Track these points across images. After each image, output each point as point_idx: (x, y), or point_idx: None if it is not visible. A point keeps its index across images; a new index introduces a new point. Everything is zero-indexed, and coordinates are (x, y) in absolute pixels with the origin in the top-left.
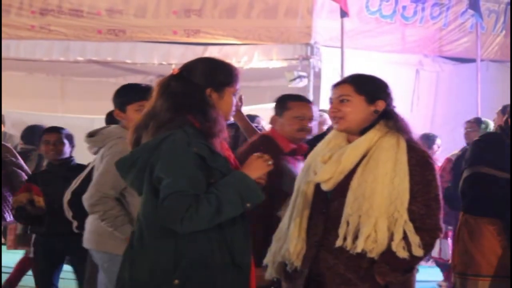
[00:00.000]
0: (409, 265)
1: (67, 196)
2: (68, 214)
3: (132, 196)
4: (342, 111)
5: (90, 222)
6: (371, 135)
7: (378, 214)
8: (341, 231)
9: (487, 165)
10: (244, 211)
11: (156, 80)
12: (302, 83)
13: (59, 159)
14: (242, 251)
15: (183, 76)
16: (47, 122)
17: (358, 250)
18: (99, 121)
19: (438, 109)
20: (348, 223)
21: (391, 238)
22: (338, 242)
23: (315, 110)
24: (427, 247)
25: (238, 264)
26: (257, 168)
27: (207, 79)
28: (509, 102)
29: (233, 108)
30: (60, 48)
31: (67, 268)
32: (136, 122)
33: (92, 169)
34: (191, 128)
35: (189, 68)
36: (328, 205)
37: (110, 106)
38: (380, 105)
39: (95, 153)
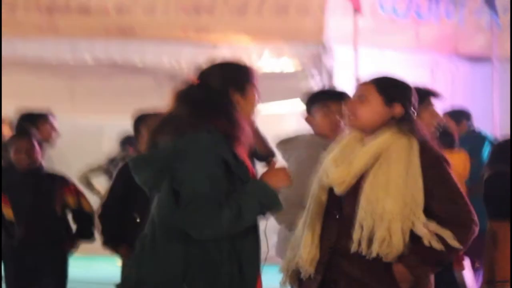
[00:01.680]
0: (443, 257)
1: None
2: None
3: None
4: (358, 109)
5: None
6: (383, 138)
7: (391, 217)
8: (356, 236)
9: (507, 164)
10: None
11: (173, 90)
12: (314, 82)
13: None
14: (251, 262)
15: (202, 84)
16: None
17: (374, 254)
18: (108, 122)
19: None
20: (362, 227)
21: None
22: (353, 247)
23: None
24: (466, 241)
25: (243, 274)
26: (280, 180)
27: (227, 82)
28: None
29: (256, 106)
30: (68, 47)
31: None
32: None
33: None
34: (214, 132)
35: (206, 75)
36: (341, 209)
37: (120, 106)
38: (397, 109)
39: (287, 160)
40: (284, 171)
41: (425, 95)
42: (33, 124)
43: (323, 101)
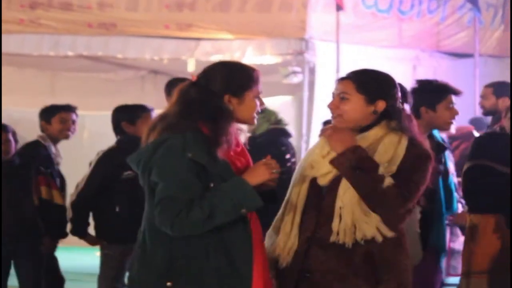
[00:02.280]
0: (371, 168)
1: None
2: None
3: None
4: (340, 108)
5: None
6: (374, 133)
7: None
8: (334, 226)
9: (489, 158)
10: (244, 216)
11: (178, 86)
12: (297, 78)
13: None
14: (242, 254)
15: (201, 83)
16: (37, 118)
17: (350, 242)
18: (90, 117)
19: None
20: (340, 217)
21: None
22: (332, 238)
23: None
24: (398, 198)
25: (237, 269)
26: (258, 175)
27: (225, 85)
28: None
29: (257, 111)
30: (50, 42)
31: None
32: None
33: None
34: (194, 133)
35: (207, 75)
36: (321, 200)
37: (101, 102)
38: (380, 105)
39: None
40: (263, 166)
41: (445, 92)
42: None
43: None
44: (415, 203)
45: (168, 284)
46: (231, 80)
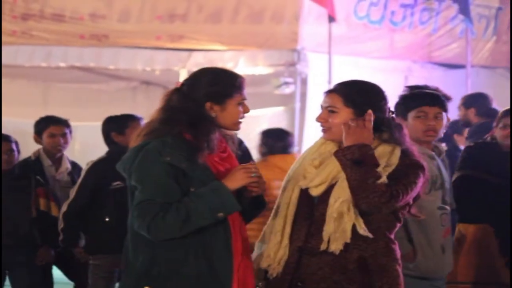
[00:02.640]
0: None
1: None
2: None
3: None
4: (329, 122)
5: None
6: None
7: (353, 215)
8: (325, 234)
9: (478, 168)
10: (223, 220)
11: (163, 92)
12: (289, 89)
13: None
14: (222, 260)
15: (183, 90)
16: (30, 129)
17: (338, 251)
18: (82, 128)
19: None
20: (331, 225)
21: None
22: (322, 246)
23: None
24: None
25: (216, 274)
26: (237, 179)
27: (207, 93)
28: (499, 108)
29: (241, 117)
30: (42, 53)
31: None
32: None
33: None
34: (174, 138)
35: (190, 82)
36: (313, 210)
37: (93, 112)
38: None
39: None
40: (242, 170)
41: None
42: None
43: (419, 106)
44: (406, 213)
45: None
46: (213, 88)
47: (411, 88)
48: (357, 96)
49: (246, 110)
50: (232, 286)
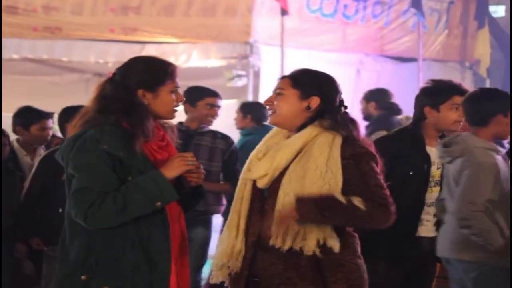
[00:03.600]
0: (337, 209)
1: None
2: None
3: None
4: (274, 104)
5: (449, 231)
6: (307, 132)
7: None
8: (273, 229)
9: None
10: (161, 209)
11: (96, 83)
12: (241, 82)
13: None
14: (160, 249)
15: (116, 79)
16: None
17: (285, 247)
18: None
19: None
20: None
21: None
22: (271, 241)
23: None
24: (373, 217)
25: (154, 263)
26: (173, 168)
27: (139, 80)
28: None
29: (175, 105)
30: None
31: None
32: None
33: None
34: (112, 127)
35: (122, 71)
36: (264, 203)
37: (46, 105)
38: (314, 101)
39: (450, 162)
40: (178, 159)
41: (449, 92)
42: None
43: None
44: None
45: (83, 277)
46: (145, 75)
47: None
48: (305, 79)
49: (180, 99)
50: (171, 276)
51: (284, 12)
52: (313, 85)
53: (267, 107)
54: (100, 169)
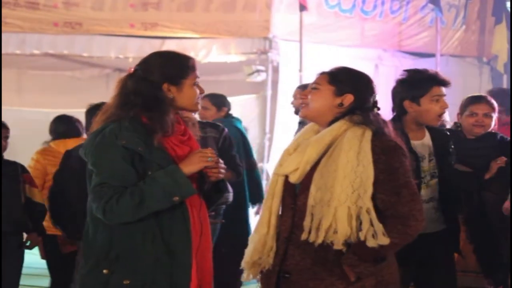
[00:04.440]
0: (378, 255)
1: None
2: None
3: None
4: (308, 98)
5: None
6: (337, 126)
7: (337, 203)
8: (306, 224)
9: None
10: (181, 203)
11: (117, 79)
12: (260, 77)
13: None
14: (180, 242)
15: (138, 74)
16: (3, 116)
17: (319, 241)
18: (55, 115)
19: None
20: (312, 215)
21: (359, 228)
22: (303, 236)
23: None
24: (401, 235)
25: (175, 256)
26: (192, 163)
27: (163, 75)
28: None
29: (198, 98)
30: (16, 41)
31: None
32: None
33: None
34: (130, 122)
35: (144, 66)
36: (296, 199)
37: (66, 99)
38: (348, 99)
39: None
40: (198, 154)
41: (428, 83)
42: None
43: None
44: None
45: (105, 271)
46: (168, 69)
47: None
48: (342, 76)
49: (202, 91)
50: (192, 269)
51: (302, 7)
52: (348, 83)
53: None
54: (118, 165)
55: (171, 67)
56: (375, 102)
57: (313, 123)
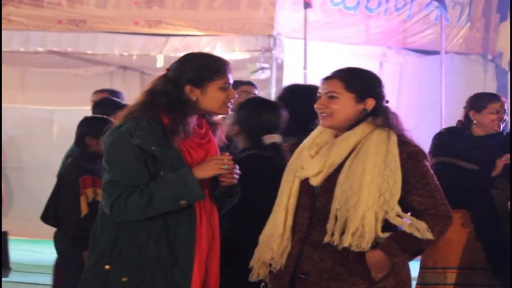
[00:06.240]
0: (420, 247)
1: None
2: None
3: None
4: (330, 107)
5: None
6: (361, 129)
7: (365, 207)
8: (329, 227)
9: (450, 155)
10: (189, 206)
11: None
12: (265, 74)
13: None
14: (184, 244)
15: (168, 75)
16: (7, 113)
17: (345, 244)
18: (59, 112)
19: (402, 101)
20: (336, 218)
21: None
22: (326, 238)
23: None
24: (440, 233)
25: (177, 258)
26: (206, 169)
27: (186, 76)
28: (471, 95)
29: (225, 101)
30: (20, 38)
31: None
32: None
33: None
34: (148, 121)
35: (175, 66)
36: (314, 200)
37: (70, 97)
38: (370, 103)
39: None
40: (214, 161)
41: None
42: None
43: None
44: None
45: (106, 267)
46: (192, 71)
47: None
48: (357, 81)
49: (231, 95)
50: (193, 272)
51: (307, 5)
52: (366, 87)
53: (319, 110)
54: (130, 163)
55: (196, 70)
56: (385, 96)
57: None
